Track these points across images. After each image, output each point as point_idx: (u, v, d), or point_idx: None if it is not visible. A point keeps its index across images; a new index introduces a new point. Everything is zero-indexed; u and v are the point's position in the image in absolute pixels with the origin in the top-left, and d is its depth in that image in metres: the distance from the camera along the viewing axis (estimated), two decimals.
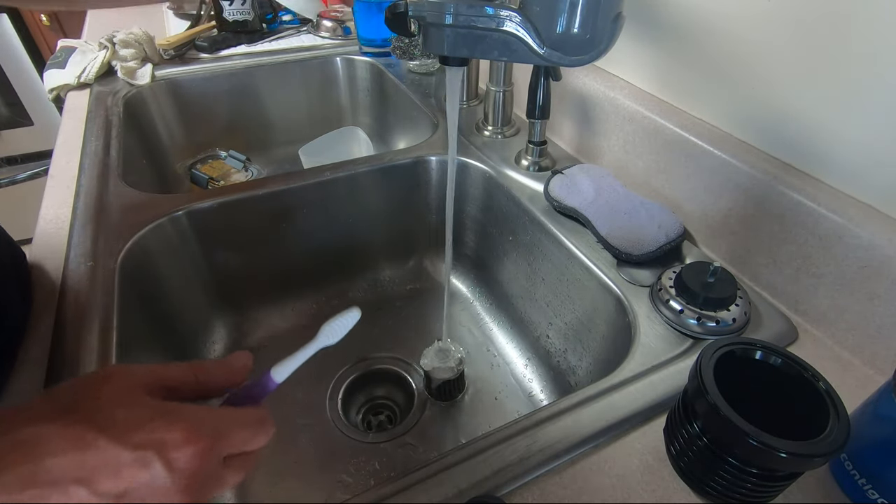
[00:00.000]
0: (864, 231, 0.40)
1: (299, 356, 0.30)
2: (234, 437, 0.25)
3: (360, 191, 0.68)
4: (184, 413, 0.23)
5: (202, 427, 0.23)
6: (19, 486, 0.19)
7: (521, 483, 0.34)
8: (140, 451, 0.21)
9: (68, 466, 0.20)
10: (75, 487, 0.20)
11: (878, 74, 0.38)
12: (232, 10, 0.95)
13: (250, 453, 0.26)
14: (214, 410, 0.25)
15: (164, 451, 0.21)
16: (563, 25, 0.35)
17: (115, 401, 0.22)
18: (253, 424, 0.26)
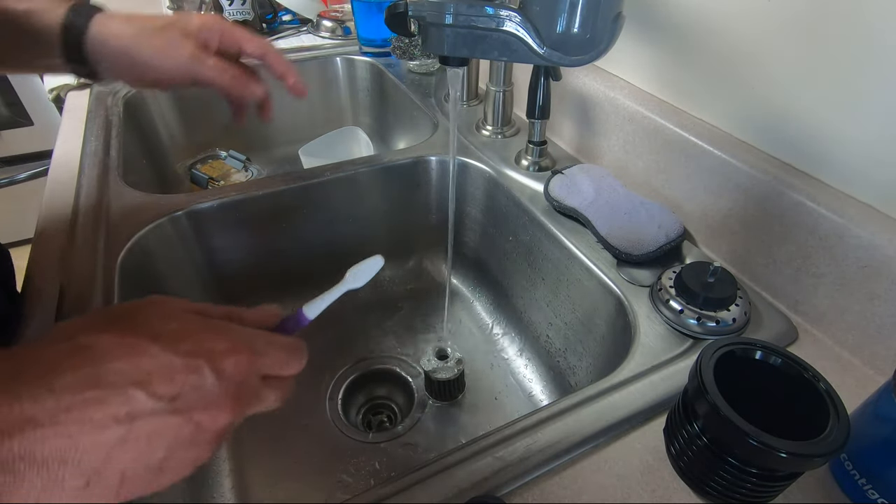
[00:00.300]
0: (864, 231, 0.40)
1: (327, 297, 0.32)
2: (272, 356, 0.26)
3: (360, 191, 0.68)
4: (228, 328, 0.25)
5: (245, 341, 0.25)
6: (80, 388, 0.19)
7: (521, 483, 0.34)
8: (190, 359, 0.22)
9: (126, 370, 0.21)
10: (133, 390, 0.20)
11: (879, 74, 0.38)
12: (232, 10, 0.96)
13: (286, 378, 0.27)
14: (254, 331, 0.26)
15: (212, 358, 0.23)
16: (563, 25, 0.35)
17: (164, 316, 0.24)
18: (289, 349, 0.27)
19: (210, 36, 0.44)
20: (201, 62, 0.43)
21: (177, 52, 0.42)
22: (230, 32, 0.46)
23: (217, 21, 0.45)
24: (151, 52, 0.42)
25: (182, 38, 0.43)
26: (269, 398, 0.26)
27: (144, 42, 0.42)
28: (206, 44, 0.44)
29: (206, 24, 0.44)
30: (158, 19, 0.44)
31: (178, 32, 0.43)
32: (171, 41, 0.42)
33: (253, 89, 0.47)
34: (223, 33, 0.45)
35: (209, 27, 0.44)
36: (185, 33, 0.43)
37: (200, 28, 0.44)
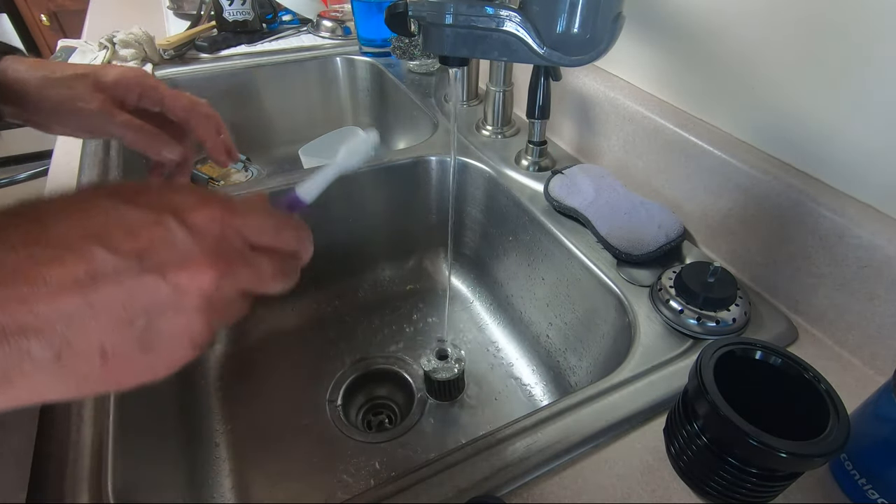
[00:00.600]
0: (864, 231, 0.40)
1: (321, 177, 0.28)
2: (257, 220, 0.22)
3: (360, 191, 0.68)
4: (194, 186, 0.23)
5: (214, 197, 0.21)
6: (26, 245, 0.17)
7: (521, 483, 0.34)
8: (151, 211, 0.19)
9: (77, 226, 0.18)
10: (90, 245, 0.17)
11: (879, 74, 0.38)
12: (232, 10, 0.95)
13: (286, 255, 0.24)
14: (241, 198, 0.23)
15: (178, 212, 0.19)
16: (563, 25, 0.35)
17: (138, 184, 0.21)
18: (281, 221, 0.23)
19: (128, 91, 0.42)
20: (110, 118, 0.40)
21: (84, 105, 0.40)
22: (152, 90, 0.43)
23: (139, 76, 0.42)
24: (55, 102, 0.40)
25: (92, 90, 0.40)
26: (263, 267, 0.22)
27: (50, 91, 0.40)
28: (121, 99, 0.42)
29: (123, 78, 0.41)
30: (73, 67, 0.41)
31: (88, 84, 0.40)
32: (78, 93, 0.40)
33: (165, 154, 0.42)
34: (144, 89, 0.42)
35: (126, 82, 0.42)
36: (97, 86, 0.40)
37: (116, 82, 0.41)
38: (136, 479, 0.38)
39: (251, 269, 0.21)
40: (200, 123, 0.45)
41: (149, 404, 0.47)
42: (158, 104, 0.43)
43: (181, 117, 0.44)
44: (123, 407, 0.39)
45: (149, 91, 0.43)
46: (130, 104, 0.42)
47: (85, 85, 0.40)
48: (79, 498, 0.32)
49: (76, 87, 0.40)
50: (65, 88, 0.40)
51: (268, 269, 0.22)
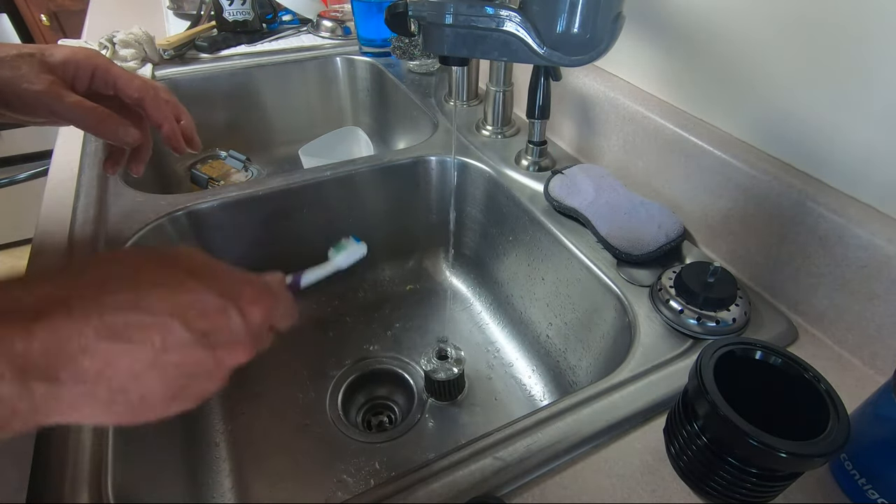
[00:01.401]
0: (864, 231, 0.40)
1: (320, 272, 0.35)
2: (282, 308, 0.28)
3: (360, 191, 0.68)
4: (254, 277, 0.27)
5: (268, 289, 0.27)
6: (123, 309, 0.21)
7: (521, 483, 0.34)
8: (223, 299, 0.23)
9: (165, 299, 0.22)
10: (172, 320, 0.22)
11: (879, 74, 0.38)
12: (232, 10, 0.95)
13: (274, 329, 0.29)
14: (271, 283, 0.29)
15: (242, 302, 0.24)
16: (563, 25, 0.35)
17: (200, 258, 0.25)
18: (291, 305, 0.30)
19: (78, 72, 0.39)
20: (59, 99, 0.38)
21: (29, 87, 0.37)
22: (104, 70, 0.40)
23: (89, 56, 0.40)
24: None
25: (38, 71, 0.37)
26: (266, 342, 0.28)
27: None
28: (71, 80, 0.39)
29: (72, 58, 0.39)
30: (17, 47, 0.38)
31: (34, 64, 0.38)
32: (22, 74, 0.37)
33: (121, 135, 0.40)
34: (96, 70, 0.40)
35: (76, 63, 0.39)
36: (44, 66, 0.38)
37: (65, 62, 0.39)
38: (136, 479, 0.38)
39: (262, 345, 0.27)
40: (156, 107, 0.42)
41: None
42: (111, 87, 0.41)
43: (135, 99, 0.42)
44: None
45: (100, 72, 0.40)
46: (81, 86, 0.40)
47: (30, 65, 0.37)
48: (79, 498, 0.32)
49: (21, 68, 0.37)
50: (7, 69, 0.37)
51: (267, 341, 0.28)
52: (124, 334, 0.20)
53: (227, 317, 0.24)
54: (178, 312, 0.22)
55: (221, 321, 0.23)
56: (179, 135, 0.45)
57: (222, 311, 0.23)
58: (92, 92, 0.40)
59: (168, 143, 0.44)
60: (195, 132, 0.46)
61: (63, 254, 0.50)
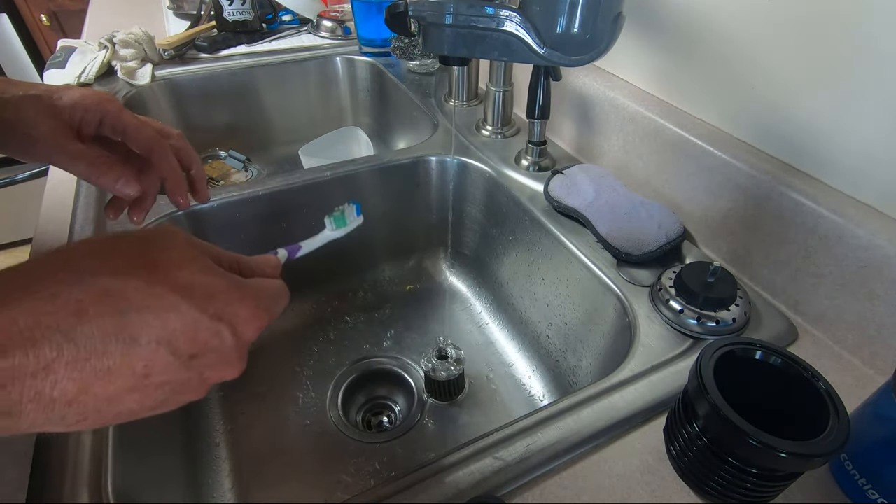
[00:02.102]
0: (864, 231, 0.40)
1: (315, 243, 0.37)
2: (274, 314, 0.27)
3: (360, 191, 0.68)
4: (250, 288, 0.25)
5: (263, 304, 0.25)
6: (104, 339, 0.19)
7: (521, 483, 0.34)
8: (215, 322, 0.22)
9: (152, 325, 0.20)
10: (157, 347, 0.20)
11: (879, 74, 0.38)
12: (232, 10, 0.95)
13: None
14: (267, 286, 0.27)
15: (236, 323, 0.23)
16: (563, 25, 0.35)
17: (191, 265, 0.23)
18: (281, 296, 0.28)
19: (86, 117, 0.37)
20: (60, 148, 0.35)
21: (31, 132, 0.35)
22: (114, 117, 0.38)
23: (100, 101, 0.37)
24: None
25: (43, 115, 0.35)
26: None
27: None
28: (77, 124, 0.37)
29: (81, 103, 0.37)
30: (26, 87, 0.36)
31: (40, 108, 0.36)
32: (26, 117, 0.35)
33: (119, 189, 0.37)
34: (105, 117, 0.38)
35: (85, 107, 0.37)
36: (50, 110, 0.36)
37: (73, 106, 0.36)
38: (136, 479, 0.38)
39: None
40: (163, 159, 0.40)
41: None
42: (120, 134, 0.39)
43: (144, 150, 0.39)
44: None
45: (109, 119, 0.38)
46: (88, 131, 0.38)
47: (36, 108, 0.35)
48: (79, 498, 0.32)
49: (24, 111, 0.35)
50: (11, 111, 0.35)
51: None
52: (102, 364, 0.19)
53: (220, 339, 0.22)
54: (166, 339, 0.21)
55: (212, 344, 0.22)
56: (185, 189, 0.43)
57: (214, 334, 0.22)
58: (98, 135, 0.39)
59: (171, 197, 0.42)
60: (205, 182, 0.44)
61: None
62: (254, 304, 0.24)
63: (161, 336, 0.20)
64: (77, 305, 0.19)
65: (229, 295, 0.23)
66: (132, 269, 0.21)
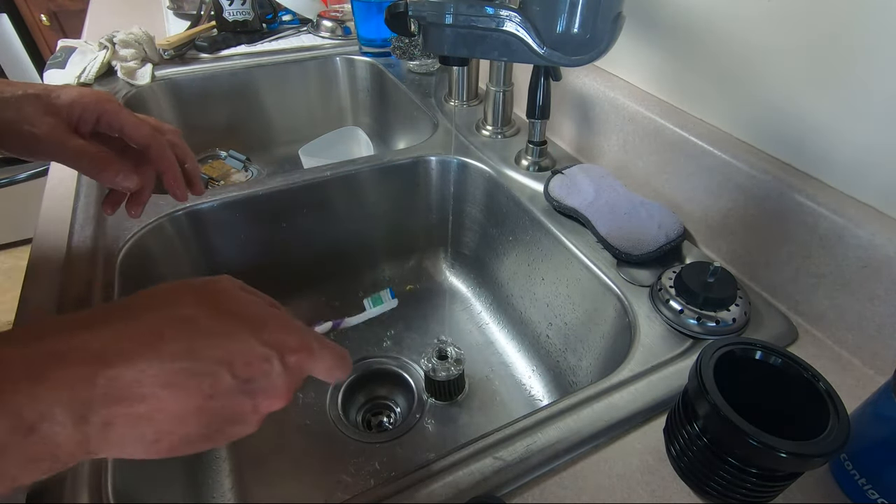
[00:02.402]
0: (864, 231, 0.40)
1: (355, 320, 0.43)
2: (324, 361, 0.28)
3: (360, 191, 0.68)
4: (295, 324, 0.27)
5: (308, 341, 0.27)
6: (173, 358, 0.22)
7: (521, 483, 0.34)
8: (267, 348, 0.24)
9: (217, 348, 0.23)
10: (221, 369, 0.23)
11: (878, 74, 0.38)
12: (232, 10, 0.95)
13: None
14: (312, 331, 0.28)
15: (284, 351, 0.25)
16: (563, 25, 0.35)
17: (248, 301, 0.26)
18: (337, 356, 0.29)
19: (84, 115, 0.38)
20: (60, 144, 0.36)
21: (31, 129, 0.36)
22: (112, 115, 0.39)
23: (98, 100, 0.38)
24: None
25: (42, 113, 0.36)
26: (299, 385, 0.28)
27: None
28: (76, 122, 0.38)
29: (79, 101, 0.38)
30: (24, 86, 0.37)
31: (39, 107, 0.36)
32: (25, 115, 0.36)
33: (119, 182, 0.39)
34: (102, 115, 0.39)
35: (83, 105, 0.38)
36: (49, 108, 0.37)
37: (71, 104, 0.37)
38: (136, 479, 0.38)
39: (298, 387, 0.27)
40: (161, 154, 0.41)
41: None
42: (118, 130, 0.40)
43: (141, 145, 0.41)
44: None
45: (107, 117, 0.39)
46: (86, 129, 0.39)
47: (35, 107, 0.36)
48: (79, 498, 0.32)
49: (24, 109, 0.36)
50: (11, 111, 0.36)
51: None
52: (178, 381, 0.21)
53: (270, 365, 0.24)
54: (227, 360, 0.23)
55: (264, 369, 0.24)
56: (182, 183, 0.44)
57: (266, 360, 0.24)
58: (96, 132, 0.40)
59: (170, 190, 0.44)
60: (199, 177, 0.46)
61: (63, 254, 0.50)
62: (300, 334, 0.26)
63: (223, 357, 0.23)
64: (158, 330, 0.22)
65: (279, 324, 0.26)
66: (200, 303, 0.24)
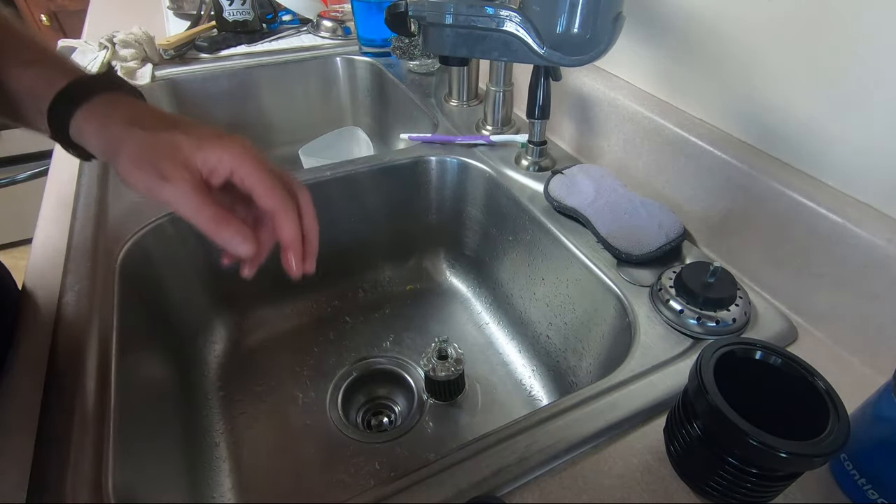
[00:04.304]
0: (864, 231, 0.40)
1: None
2: None
3: (360, 191, 0.68)
4: None
5: None
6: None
7: (521, 483, 0.34)
8: None
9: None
10: None
11: (878, 74, 0.38)
12: (232, 10, 0.95)
13: None
14: None
15: None
16: (563, 25, 0.35)
17: None
18: None
19: (218, 168, 0.34)
20: (185, 200, 0.33)
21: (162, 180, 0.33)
22: (246, 174, 0.35)
23: (232, 157, 0.34)
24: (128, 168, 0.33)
25: (173, 165, 0.33)
26: None
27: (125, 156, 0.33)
28: (206, 178, 0.34)
29: (215, 156, 0.34)
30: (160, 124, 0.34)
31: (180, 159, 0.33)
32: (157, 166, 0.32)
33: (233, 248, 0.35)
34: (234, 173, 0.35)
35: (219, 160, 0.34)
36: (183, 160, 0.33)
37: (205, 161, 0.34)
38: (136, 479, 0.38)
39: None
40: (287, 226, 0.37)
41: (149, 404, 0.47)
42: (248, 190, 0.35)
43: (270, 212, 0.37)
44: (123, 407, 0.39)
45: (241, 173, 0.35)
46: (216, 182, 0.35)
47: (172, 159, 0.33)
48: (79, 498, 0.32)
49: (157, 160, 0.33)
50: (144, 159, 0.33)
51: None
52: None
53: None
54: None
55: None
56: (301, 261, 0.40)
57: None
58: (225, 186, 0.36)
59: (285, 263, 0.40)
60: (314, 253, 0.42)
61: (63, 254, 0.50)
62: None
63: None
64: None
65: None
66: None
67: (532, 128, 0.63)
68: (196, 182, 0.33)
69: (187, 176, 0.33)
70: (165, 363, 0.55)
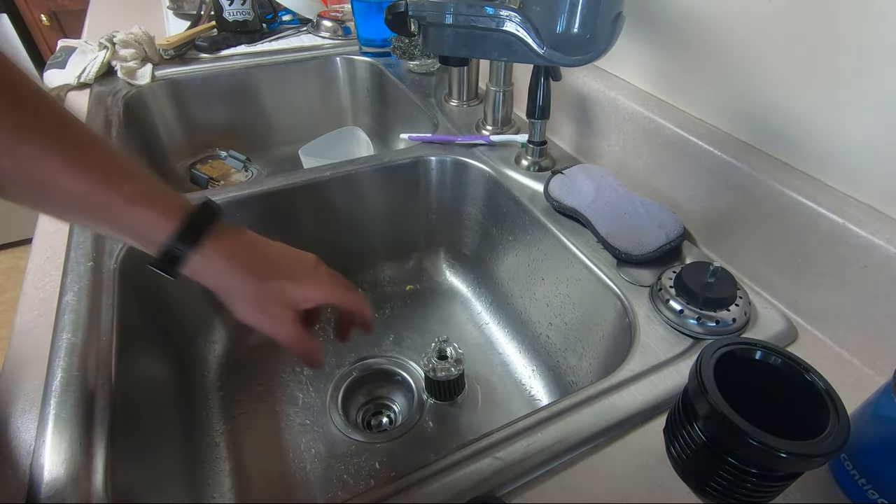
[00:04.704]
0: (864, 231, 0.40)
1: None
2: None
3: (360, 191, 0.68)
4: None
5: None
6: None
7: (521, 483, 0.34)
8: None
9: None
10: None
11: (878, 74, 0.38)
12: (232, 10, 0.95)
13: None
14: None
15: None
16: (563, 25, 0.35)
17: None
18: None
19: (310, 302, 0.39)
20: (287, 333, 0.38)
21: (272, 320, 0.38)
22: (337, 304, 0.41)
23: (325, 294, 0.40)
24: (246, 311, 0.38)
25: (283, 309, 0.38)
26: None
27: (241, 301, 0.38)
28: (309, 317, 0.42)
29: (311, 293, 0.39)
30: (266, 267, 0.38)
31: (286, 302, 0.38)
32: (268, 311, 0.38)
33: (308, 363, 0.41)
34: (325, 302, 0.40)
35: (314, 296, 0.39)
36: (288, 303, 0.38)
37: (304, 297, 0.39)
38: (136, 479, 0.38)
39: None
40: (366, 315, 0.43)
41: (149, 405, 0.47)
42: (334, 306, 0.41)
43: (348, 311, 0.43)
44: (123, 407, 0.39)
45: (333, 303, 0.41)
46: (315, 321, 0.43)
47: (283, 308, 0.38)
48: (79, 498, 0.32)
49: (267, 305, 0.38)
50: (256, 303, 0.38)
51: None
52: None
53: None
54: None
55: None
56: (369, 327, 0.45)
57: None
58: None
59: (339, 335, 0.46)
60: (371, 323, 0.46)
61: (63, 254, 0.50)
62: None
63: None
64: None
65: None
66: None
67: (532, 128, 0.63)
68: (295, 317, 0.39)
69: (291, 314, 0.38)
70: (165, 363, 0.55)
